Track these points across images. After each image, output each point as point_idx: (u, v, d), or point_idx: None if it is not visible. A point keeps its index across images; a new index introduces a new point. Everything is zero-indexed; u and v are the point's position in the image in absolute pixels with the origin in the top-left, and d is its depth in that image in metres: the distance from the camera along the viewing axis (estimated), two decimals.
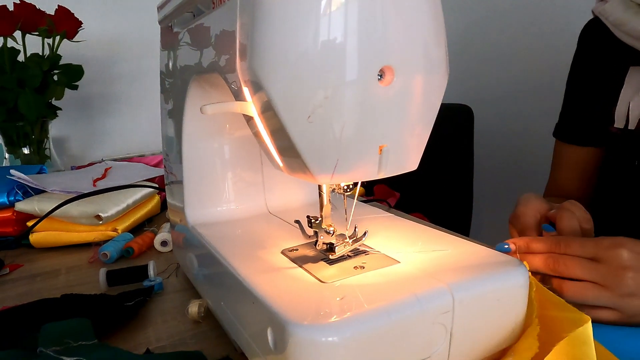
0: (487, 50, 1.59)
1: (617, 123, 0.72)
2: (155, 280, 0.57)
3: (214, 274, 0.44)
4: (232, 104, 0.35)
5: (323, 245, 0.41)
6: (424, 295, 0.32)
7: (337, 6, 0.29)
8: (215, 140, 0.51)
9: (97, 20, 1.21)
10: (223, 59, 0.36)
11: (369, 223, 0.48)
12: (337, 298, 0.33)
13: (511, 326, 0.37)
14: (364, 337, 0.29)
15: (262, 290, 0.34)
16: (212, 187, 0.52)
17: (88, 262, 0.68)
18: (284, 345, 0.30)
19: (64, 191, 0.77)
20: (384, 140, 0.33)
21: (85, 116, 1.30)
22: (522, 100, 1.49)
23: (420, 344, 0.32)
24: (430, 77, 0.33)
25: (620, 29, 0.68)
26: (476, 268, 0.36)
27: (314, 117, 0.31)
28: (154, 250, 0.70)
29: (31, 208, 0.74)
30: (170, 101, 0.54)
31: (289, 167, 0.36)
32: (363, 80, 0.30)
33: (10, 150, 1.02)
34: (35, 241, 0.73)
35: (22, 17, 0.95)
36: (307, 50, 0.29)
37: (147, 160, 1.14)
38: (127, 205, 0.78)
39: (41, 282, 0.62)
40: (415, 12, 0.31)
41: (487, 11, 1.57)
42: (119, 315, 0.48)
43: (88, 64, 1.11)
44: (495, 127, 1.55)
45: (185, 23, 0.48)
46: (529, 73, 1.46)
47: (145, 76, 1.33)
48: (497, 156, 1.58)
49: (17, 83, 0.94)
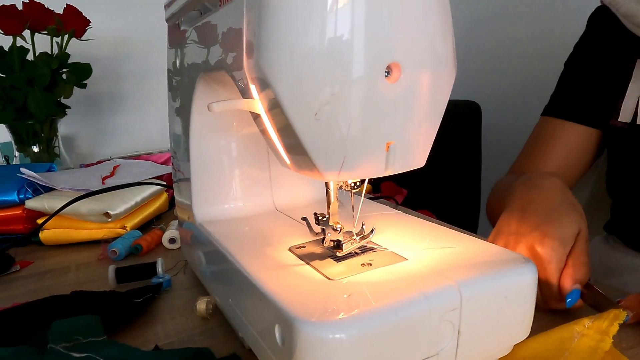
0: (495, 46, 1.58)
1: (622, 117, 0.69)
2: (163, 277, 0.57)
3: (222, 271, 0.45)
4: (239, 102, 0.35)
5: (330, 243, 0.41)
6: (432, 292, 0.32)
7: (344, 3, 0.29)
8: (223, 137, 0.52)
9: (105, 19, 1.21)
10: (230, 56, 0.36)
11: (376, 220, 0.48)
12: (344, 295, 0.33)
13: (519, 323, 0.37)
14: (371, 334, 0.29)
15: (270, 287, 0.34)
16: (220, 184, 0.52)
17: (97, 259, 0.69)
18: (292, 342, 0.30)
19: (73, 189, 0.78)
20: (391, 137, 0.33)
21: (93, 114, 1.30)
22: (530, 96, 1.48)
23: (428, 341, 0.32)
24: (437, 73, 0.33)
25: (632, 20, 0.67)
26: (484, 265, 0.36)
27: (321, 115, 0.31)
28: (162, 248, 0.71)
29: (41, 206, 0.75)
30: (177, 99, 0.54)
31: (296, 164, 0.36)
32: (370, 77, 0.30)
33: (20, 149, 1.03)
34: (45, 238, 0.74)
35: (31, 16, 0.96)
36: (314, 48, 0.29)
37: (155, 158, 1.14)
38: (135, 202, 0.78)
39: (51, 279, 0.63)
40: (422, 8, 0.31)
41: (495, 7, 1.56)
42: (128, 312, 0.49)
43: (96, 62, 1.11)
44: (503, 124, 1.54)
45: (192, 21, 0.48)
46: (537, 69, 1.44)
47: (152, 74, 1.33)
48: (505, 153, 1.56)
49: (26, 82, 0.95)
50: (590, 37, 0.78)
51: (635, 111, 0.68)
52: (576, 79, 0.78)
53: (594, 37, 0.77)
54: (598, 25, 0.77)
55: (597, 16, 0.78)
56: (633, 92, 0.68)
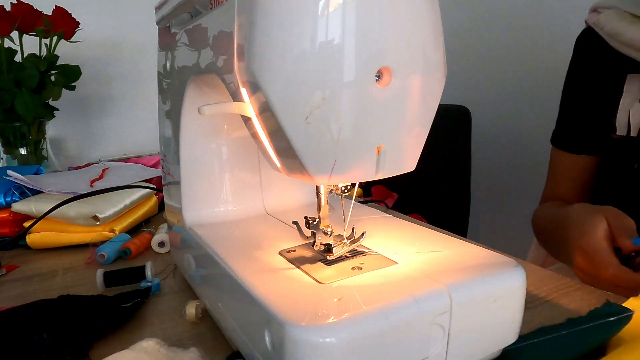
0: (485, 51, 1.59)
1: (619, 131, 0.72)
2: (152, 281, 0.57)
3: (212, 275, 0.44)
4: (230, 105, 0.35)
5: (321, 246, 0.41)
6: (422, 296, 0.32)
7: (335, 7, 0.29)
8: (213, 141, 0.51)
9: (94, 20, 1.20)
10: (221, 59, 0.36)
11: (367, 224, 0.48)
12: (334, 299, 0.33)
13: (508, 327, 0.37)
14: (361, 338, 0.29)
15: (260, 291, 0.34)
16: (210, 188, 0.52)
17: (85, 263, 0.68)
18: (282, 346, 0.30)
19: (61, 192, 0.77)
20: (382, 141, 0.33)
21: (82, 117, 1.29)
22: (519, 101, 1.50)
23: (418, 344, 0.32)
24: (427, 78, 0.33)
25: (616, 38, 0.68)
26: (473, 269, 0.36)
27: (312, 118, 0.31)
28: (152, 251, 0.70)
29: (28, 209, 0.74)
30: (167, 102, 0.54)
31: (286, 167, 0.36)
32: (361, 82, 0.30)
33: (7, 151, 1.02)
34: (32, 242, 0.73)
35: (20, 17, 0.95)
36: (305, 51, 0.29)
37: (144, 161, 1.13)
38: (124, 206, 0.78)
39: (38, 283, 0.62)
40: (412, 14, 0.31)
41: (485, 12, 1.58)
42: (116, 316, 0.48)
43: (85, 64, 1.11)
44: (492, 128, 1.56)
45: (183, 24, 0.48)
46: (526, 74, 1.46)
47: (142, 77, 1.33)
48: (495, 157, 1.58)
49: (14, 83, 0.94)
50: (579, 61, 0.82)
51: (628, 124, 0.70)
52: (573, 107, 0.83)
53: (583, 61, 0.81)
54: (585, 49, 0.80)
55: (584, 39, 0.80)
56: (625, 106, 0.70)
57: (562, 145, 0.84)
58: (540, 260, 0.90)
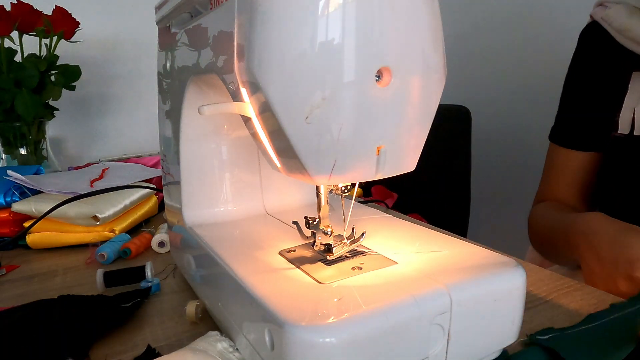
0: (485, 51, 1.59)
1: (621, 129, 0.71)
2: (152, 281, 0.57)
3: (212, 275, 0.44)
4: (230, 105, 0.35)
5: (321, 246, 0.41)
6: (422, 296, 0.32)
7: (335, 7, 0.29)
8: (213, 141, 0.51)
9: (94, 20, 1.20)
10: (221, 59, 0.36)
11: (367, 224, 0.48)
12: (334, 299, 0.33)
13: (508, 326, 0.37)
14: (361, 338, 0.29)
15: (260, 291, 0.34)
16: (210, 188, 0.52)
17: (85, 263, 0.68)
18: (282, 346, 0.30)
19: (61, 192, 0.77)
20: (382, 141, 0.33)
21: (82, 117, 1.29)
22: (519, 101, 1.50)
23: (418, 345, 0.32)
24: (427, 78, 0.33)
25: (625, 34, 0.68)
26: (473, 269, 0.36)
27: (312, 118, 0.31)
28: (152, 251, 0.70)
29: (28, 209, 0.74)
30: (167, 102, 0.54)
31: (286, 168, 0.36)
32: (361, 82, 0.30)
33: (7, 151, 1.02)
34: (32, 242, 0.73)
35: (19, 17, 0.95)
36: (305, 51, 0.29)
37: (144, 161, 1.13)
38: (124, 206, 0.78)
39: (38, 283, 0.62)
40: (412, 14, 0.31)
41: (485, 13, 1.58)
42: (116, 316, 0.48)
43: (85, 64, 1.10)
44: (492, 128, 1.56)
45: (183, 24, 0.48)
46: (526, 74, 1.46)
47: (142, 77, 1.33)
48: (495, 157, 1.58)
49: (14, 83, 0.94)
50: (583, 55, 0.80)
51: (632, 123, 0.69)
52: (574, 102, 0.81)
53: (587, 55, 0.79)
54: (590, 42, 0.78)
55: (588, 33, 0.79)
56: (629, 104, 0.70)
57: (561, 140, 0.82)
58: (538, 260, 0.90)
